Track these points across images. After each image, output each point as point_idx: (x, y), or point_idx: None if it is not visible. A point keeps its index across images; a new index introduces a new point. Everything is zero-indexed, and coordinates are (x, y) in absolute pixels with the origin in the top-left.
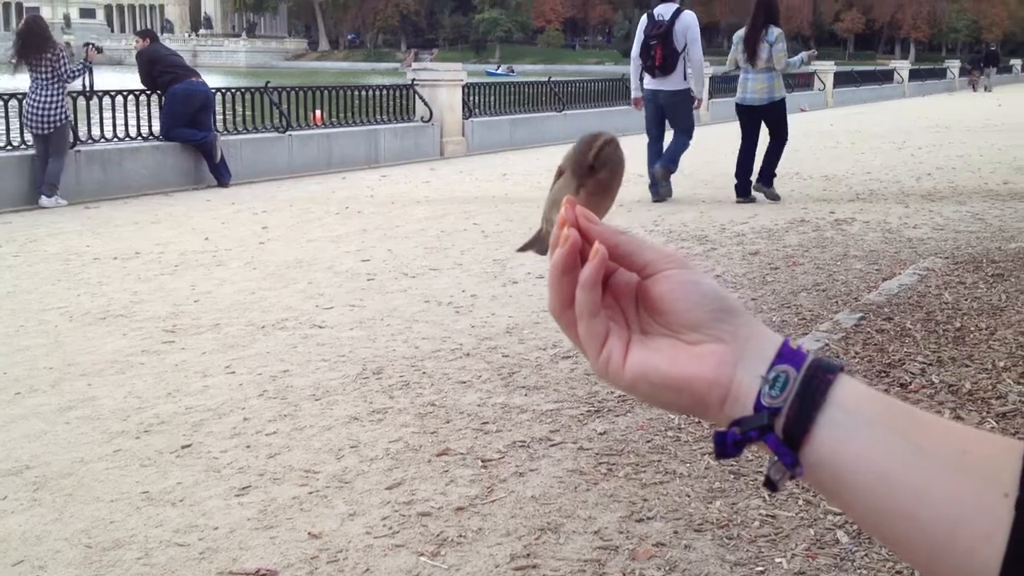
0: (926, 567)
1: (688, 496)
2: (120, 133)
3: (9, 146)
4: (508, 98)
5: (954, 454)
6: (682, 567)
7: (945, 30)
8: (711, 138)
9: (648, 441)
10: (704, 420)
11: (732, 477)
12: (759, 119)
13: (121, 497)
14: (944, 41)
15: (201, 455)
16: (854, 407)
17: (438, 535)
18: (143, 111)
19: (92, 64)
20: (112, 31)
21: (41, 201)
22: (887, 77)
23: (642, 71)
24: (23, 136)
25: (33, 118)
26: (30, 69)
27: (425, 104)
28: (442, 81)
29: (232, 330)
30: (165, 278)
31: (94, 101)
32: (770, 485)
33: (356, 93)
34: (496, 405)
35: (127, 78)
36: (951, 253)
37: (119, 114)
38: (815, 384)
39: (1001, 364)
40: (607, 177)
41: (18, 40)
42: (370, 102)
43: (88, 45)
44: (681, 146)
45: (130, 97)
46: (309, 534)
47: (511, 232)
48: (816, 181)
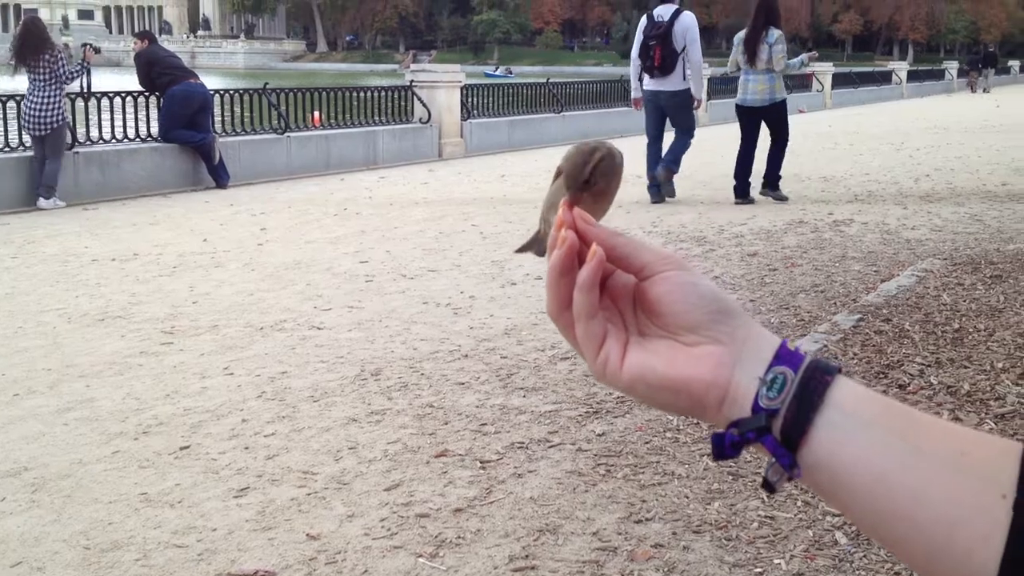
0: (924, 568)
1: (687, 497)
2: (118, 135)
3: (7, 148)
4: (506, 99)
5: (952, 455)
6: (680, 568)
7: (943, 31)
8: (710, 139)
9: (647, 442)
10: (702, 421)
11: (731, 478)
12: (760, 120)
13: (119, 498)
14: (942, 42)
15: (199, 456)
16: (852, 408)
17: (436, 536)
18: (141, 113)
19: (90, 65)
20: (110, 32)
21: (39, 203)
22: (885, 78)
23: (641, 71)
24: (21, 138)
25: (30, 119)
26: (28, 70)
27: (423, 105)
28: (440, 82)
29: (230, 331)
30: (163, 279)
31: (92, 102)
32: (768, 486)
33: (354, 94)
34: (494, 406)
35: (125, 79)
36: (949, 254)
37: (117, 115)
38: (813, 386)
39: (999, 365)
40: (604, 183)
41: (16, 41)
42: (368, 103)
43: (86, 46)
44: (683, 146)
45: (128, 98)
46: (307, 535)
47: (509, 233)
48: (814, 182)
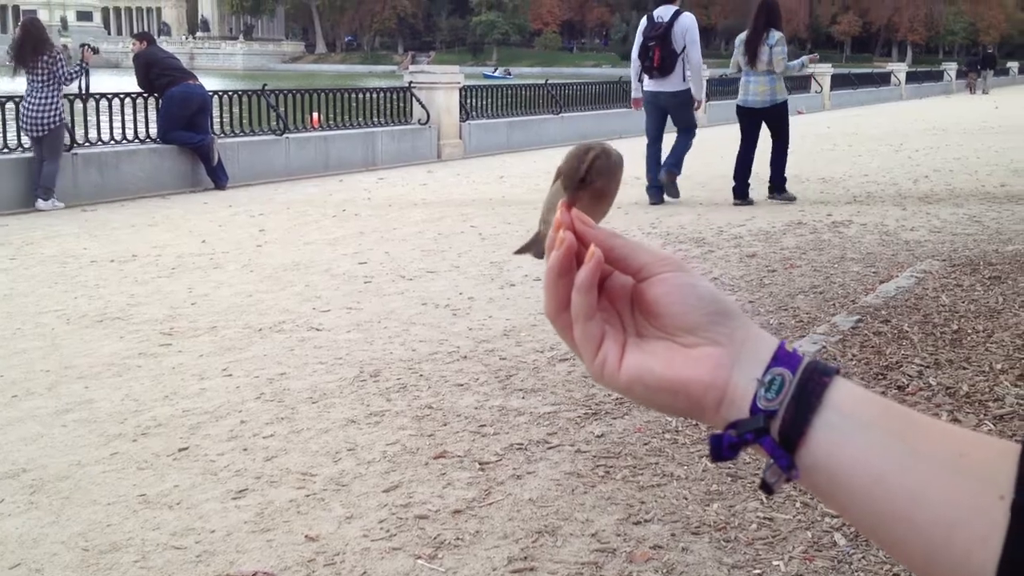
0: (923, 570)
1: (685, 498)
2: (117, 136)
3: (6, 149)
4: (505, 101)
5: (951, 457)
6: (679, 570)
7: (942, 33)
8: (709, 140)
9: (645, 444)
10: (700, 423)
11: (729, 479)
12: (760, 121)
13: (118, 500)
14: (941, 44)
15: (198, 458)
16: (850, 410)
17: (435, 538)
18: (140, 114)
19: (88, 66)
20: (109, 33)
21: (38, 204)
22: (884, 80)
23: (641, 72)
24: (20, 139)
25: (29, 120)
26: (27, 71)
27: (422, 106)
28: (439, 83)
29: (229, 333)
30: (162, 281)
31: (91, 103)
32: (766, 488)
33: (353, 95)
34: (493, 408)
35: (124, 80)
36: (948, 256)
37: (116, 117)
38: (811, 387)
39: (998, 366)
40: (602, 184)
41: (15, 43)
42: (367, 104)
43: (84, 47)
44: (684, 147)
45: (127, 100)
46: (306, 537)
47: (508, 235)
48: (813, 183)
